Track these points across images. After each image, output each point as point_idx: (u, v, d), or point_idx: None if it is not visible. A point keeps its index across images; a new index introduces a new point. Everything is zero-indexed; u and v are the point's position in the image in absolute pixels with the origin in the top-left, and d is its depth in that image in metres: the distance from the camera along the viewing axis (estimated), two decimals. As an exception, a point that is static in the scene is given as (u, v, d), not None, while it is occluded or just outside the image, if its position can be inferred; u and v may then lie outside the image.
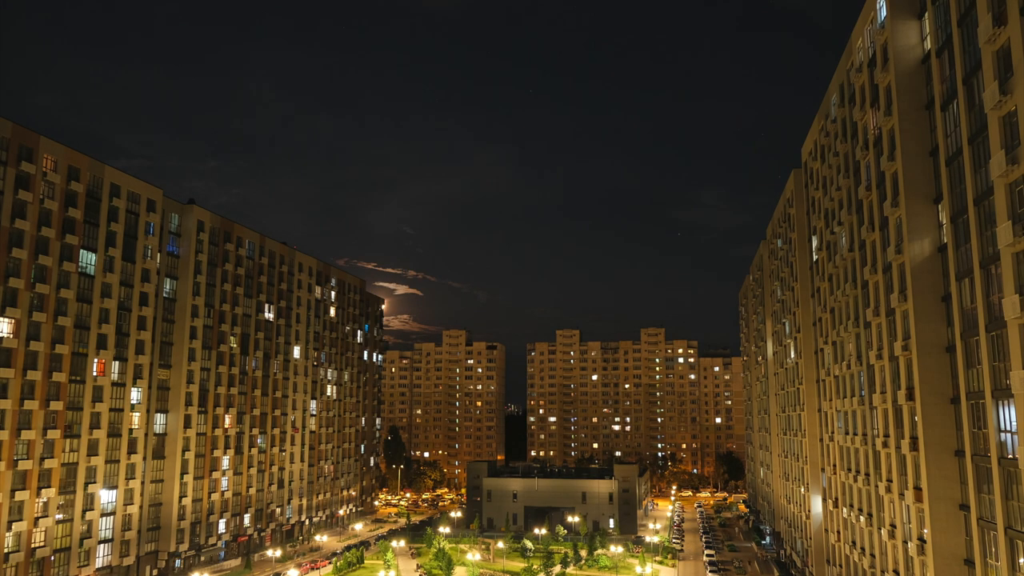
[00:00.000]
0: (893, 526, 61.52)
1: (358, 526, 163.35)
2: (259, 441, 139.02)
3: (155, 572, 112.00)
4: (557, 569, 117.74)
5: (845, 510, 79.48)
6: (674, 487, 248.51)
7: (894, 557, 61.92)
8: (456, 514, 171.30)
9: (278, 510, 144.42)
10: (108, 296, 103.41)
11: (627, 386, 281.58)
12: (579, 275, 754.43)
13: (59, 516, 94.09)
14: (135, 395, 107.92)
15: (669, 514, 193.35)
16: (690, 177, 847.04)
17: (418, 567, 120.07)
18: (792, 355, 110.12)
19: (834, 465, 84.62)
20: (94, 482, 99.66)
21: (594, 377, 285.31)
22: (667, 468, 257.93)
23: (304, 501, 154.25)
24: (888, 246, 60.53)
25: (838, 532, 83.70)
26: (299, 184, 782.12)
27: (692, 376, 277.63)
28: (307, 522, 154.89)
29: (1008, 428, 42.31)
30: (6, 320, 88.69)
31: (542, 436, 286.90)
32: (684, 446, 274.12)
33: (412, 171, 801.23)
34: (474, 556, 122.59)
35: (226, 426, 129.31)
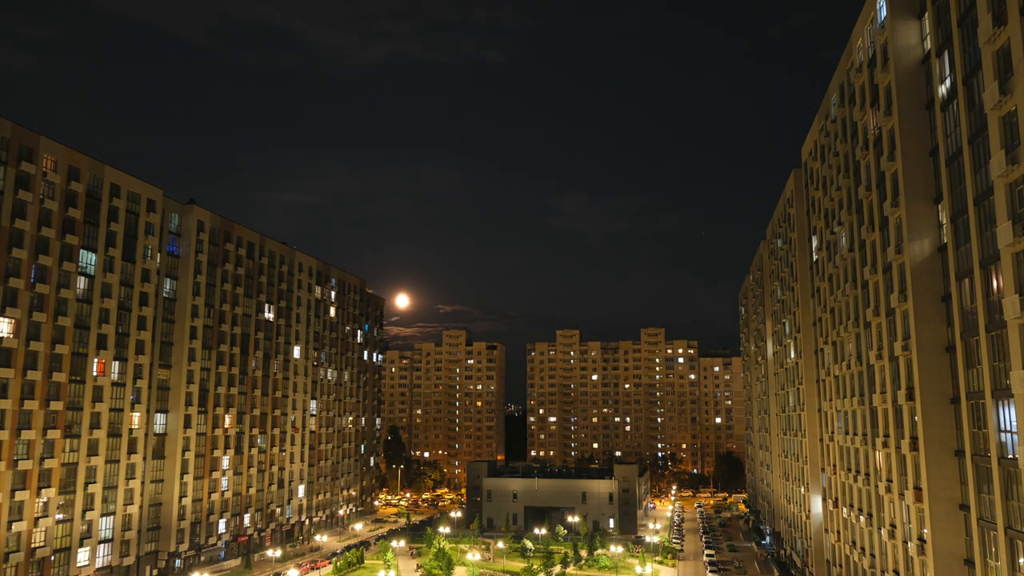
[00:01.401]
0: (893, 526, 61.51)
1: (358, 526, 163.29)
2: (259, 441, 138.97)
3: (155, 572, 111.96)
4: (557, 569, 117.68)
5: (845, 510, 79.45)
6: (674, 487, 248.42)
7: (894, 557, 61.91)
8: (456, 514, 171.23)
9: (278, 510, 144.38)
10: (108, 296, 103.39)
11: (627, 386, 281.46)
12: (580, 275, 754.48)
13: (59, 516, 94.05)
14: (135, 395, 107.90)
15: (669, 514, 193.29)
16: (695, 179, 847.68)
17: (418, 567, 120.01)
18: (792, 355, 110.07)
19: (834, 465, 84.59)
20: (94, 482, 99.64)
21: (594, 377, 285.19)
22: (667, 468, 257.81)
23: (304, 501, 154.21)
24: (888, 246, 60.52)
25: (838, 532, 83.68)
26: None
27: (692, 376, 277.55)
28: (307, 522, 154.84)
29: (1008, 428, 42.30)
30: (6, 320, 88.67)
31: (542, 436, 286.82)
32: (684, 446, 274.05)
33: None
34: (474, 556, 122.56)
35: (226, 426, 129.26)
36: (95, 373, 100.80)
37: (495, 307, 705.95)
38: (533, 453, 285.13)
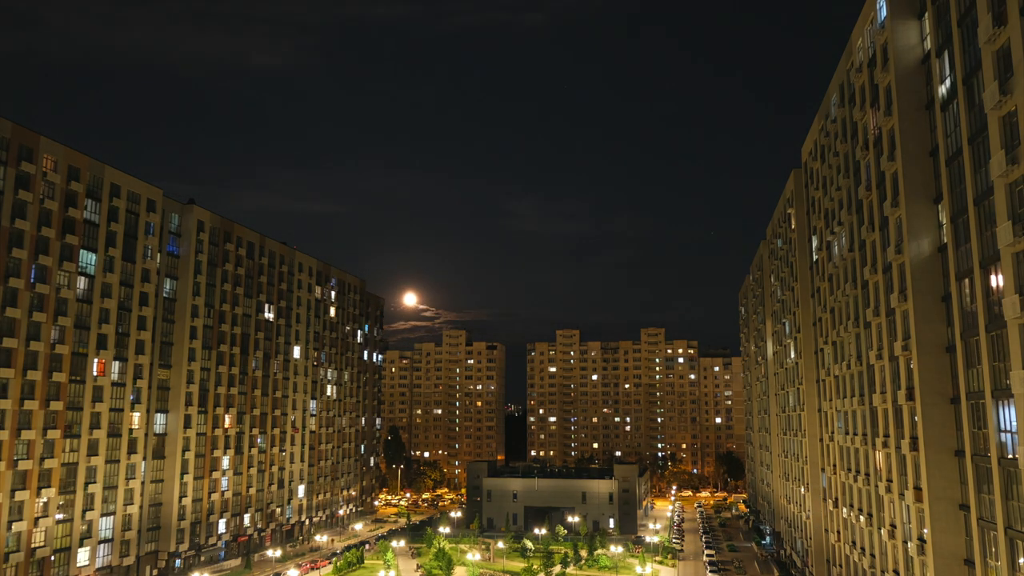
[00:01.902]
0: (893, 526, 61.52)
1: (358, 526, 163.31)
2: (259, 441, 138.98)
3: (155, 572, 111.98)
4: (557, 569, 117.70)
5: (845, 510, 79.47)
6: (674, 487, 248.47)
7: (894, 557, 61.92)
8: (456, 514, 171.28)
9: (278, 510, 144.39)
10: (108, 296, 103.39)
11: (627, 386, 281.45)
12: (580, 273, 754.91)
13: (59, 516, 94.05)
14: (135, 395, 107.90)
15: (669, 514, 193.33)
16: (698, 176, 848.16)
17: (418, 567, 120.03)
18: (792, 355, 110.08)
19: (834, 465, 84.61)
20: (94, 482, 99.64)
21: (594, 377, 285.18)
22: (667, 468, 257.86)
23: (304, 501, 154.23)
24: (888, 246, 60.52)
25: (838, 532, 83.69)
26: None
27: (692, 376, 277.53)
28: (307, 522, 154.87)
29: (1008, 428, 42.31)
30: (6, 320, 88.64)
31: (542, 436, 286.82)
32: (684, 446, 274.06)
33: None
34: (474, 556, 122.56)
35: (226, 426, 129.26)
36: (95, 373, 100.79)
37: (494, 307, 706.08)
38: (533, 453, 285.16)
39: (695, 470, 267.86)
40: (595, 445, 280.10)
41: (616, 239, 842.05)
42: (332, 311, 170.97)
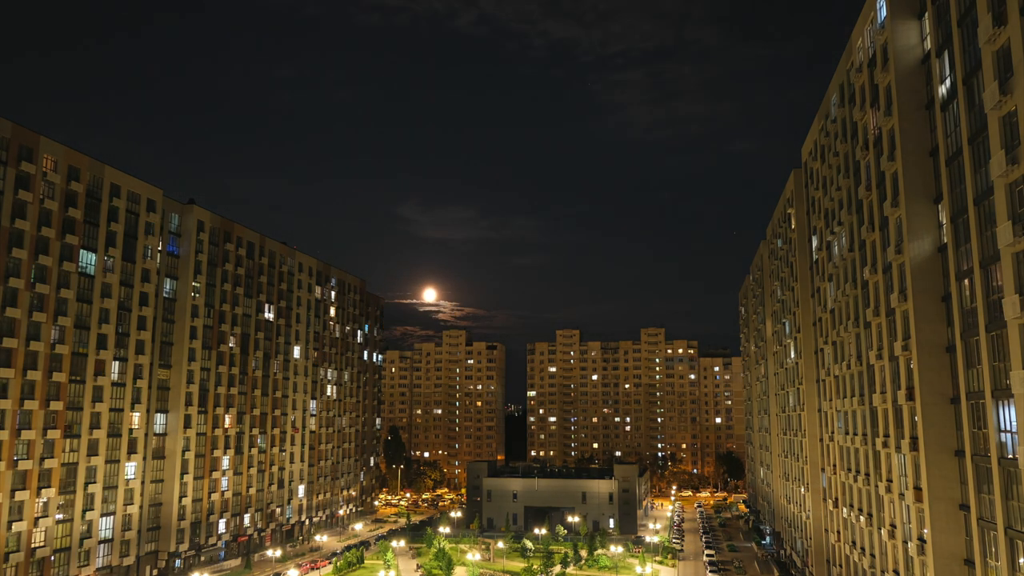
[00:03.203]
0: (893, 526, 61.53)
1: (358, 526, 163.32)
2: (259, 441, 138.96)
3: (155, 572, 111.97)
4: (557, 569, 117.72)
5: (845, 510, 79.49)
6: (674, 487, 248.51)
7: (894, 557, 61.93)
8: (456, 514, 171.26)
9: (278, 510, 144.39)
10: (108, 296, 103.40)
11: (627, 386, 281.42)
12: (580, 275, 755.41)
13: (59, 516, 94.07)
14: (135, 395, 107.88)
15: (669, 514, 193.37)
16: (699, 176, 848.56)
17: (418, 567, 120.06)
18: (792, 355, 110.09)
19: (834, 465, 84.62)
20: (94, 482, 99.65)
21: (594, 377, 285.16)
22: (667, 468, 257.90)
23: (304, 501, 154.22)
24: (888, 246, 60.53)
25: (838, 532, 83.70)
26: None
27: (692, 376, 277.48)
28: (307, 522, 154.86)
29: (1008, 428, 42.31)
30: (6, 320, 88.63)
31: (542, 436, 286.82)
32: (684, 446, 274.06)
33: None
34: (474, 556, 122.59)
35: (226, 426, 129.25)
36: (95, 373, 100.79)
37: (494, 307, 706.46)
38: (533, 453, 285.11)
39: (695, 470, 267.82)
40: (595, 445, 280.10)
41: (615, 239, 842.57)
42: (332, 311, 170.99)
